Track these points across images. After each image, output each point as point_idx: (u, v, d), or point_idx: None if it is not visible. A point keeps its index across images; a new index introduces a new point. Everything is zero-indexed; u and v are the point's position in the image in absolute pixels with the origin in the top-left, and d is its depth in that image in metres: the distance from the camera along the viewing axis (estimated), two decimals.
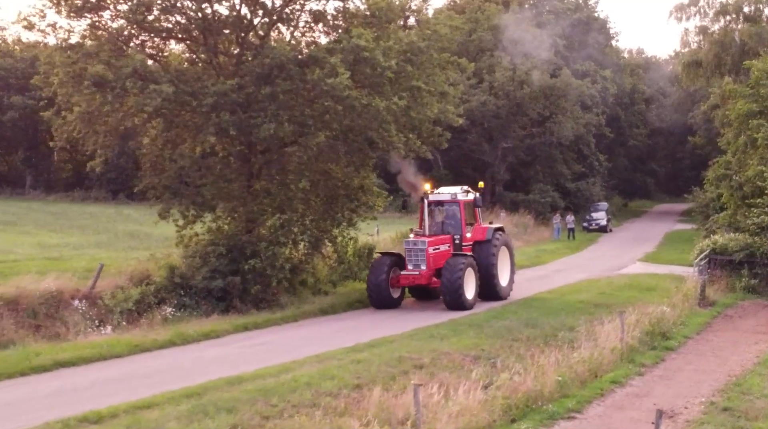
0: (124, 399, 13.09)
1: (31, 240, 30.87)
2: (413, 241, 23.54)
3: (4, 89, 57.20)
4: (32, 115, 57.77)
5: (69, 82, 21.70)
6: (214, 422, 11.92)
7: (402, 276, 23.34)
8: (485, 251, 24.22)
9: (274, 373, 14.95)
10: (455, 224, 24.44)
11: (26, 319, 18.92)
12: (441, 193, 24.77)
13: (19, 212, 43.24)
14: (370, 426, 11.38)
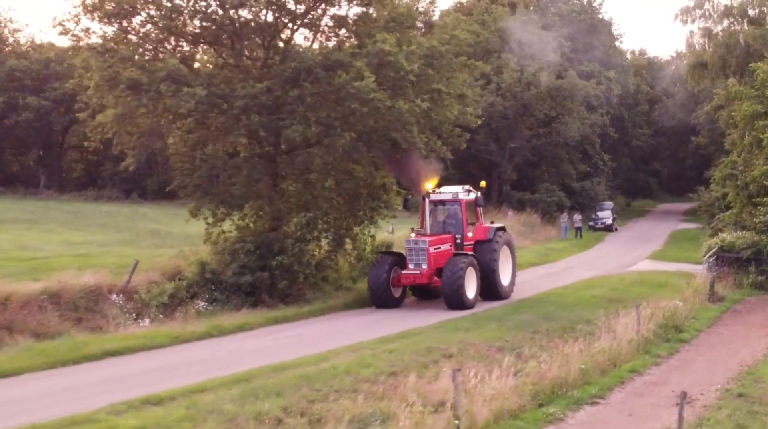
0: (174, 385, 13.98)
1: (56, 237, 31.72)
2: (414, 240, 23.66)
3: (19, 90, 58.05)
4: (46, 115, 58.85)
5: (104, 86, 22.53)
6: (265, 405, 12.78)
7: (403, 275, 23.43)
8: (487, 251, 24.32)
9: (313, 361, 15.84)
10: (456, 223, 24.57)
11: (68, 311, 19.78)
12: (442, 192, 24.87)
13: (38, 211, 44.09)
14: (415, 406, 12.20)
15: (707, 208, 47.70)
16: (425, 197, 24.06)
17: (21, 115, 57.37)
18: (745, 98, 34.28)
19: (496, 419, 13.00)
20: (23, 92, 57.94)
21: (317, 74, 21.84)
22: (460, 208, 24.54)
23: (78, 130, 60.86)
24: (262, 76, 23.19)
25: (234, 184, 23.49)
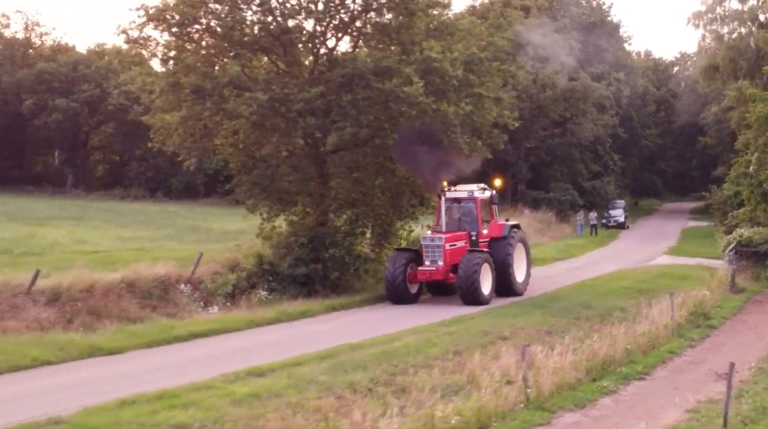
0: (267, 360, 15.59)
1: (108, 233, 33.34)
2: (430, 237, 24.12)
3: (48, 92, 59.66)
4: (74, 116, 60.51)
5: (169, 91, 24.11)
6: (356, 376, 14.41)
7: (419, 271, 23.71)
8: (501, 248, 24.69)
9: (385, 341, 17.47)
10: (472, 221, 24.96)
11: (143, 299, 21.40)
12: (458, 190, 25.30)
13: (76, 209, 45.70)
14: (494, 377, 13.83)
15: (719, 205, 49.27)
16: (441, 195, 24.67)
17: (50, 116, 58.99)
18: (759, 100, 35.93)
19: (558, 390, 14.62)
20: (52, 94, 59.57)
21: (368, 80, 23.42)
22: (475, 205, 25.02)
23: (104, 131, 62.72)
24: (311, 82, 24.79)
25: (290, 181, 25.03)
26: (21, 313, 18.29)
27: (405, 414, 12.16)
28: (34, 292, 19.15)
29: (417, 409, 12.64)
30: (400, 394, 13.85)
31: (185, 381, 13.87)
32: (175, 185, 61.24)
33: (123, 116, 59.07)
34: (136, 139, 61.20)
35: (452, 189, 25.20)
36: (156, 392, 12.99)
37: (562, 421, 13.42)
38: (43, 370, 15.18)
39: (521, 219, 47.45)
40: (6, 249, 26.80)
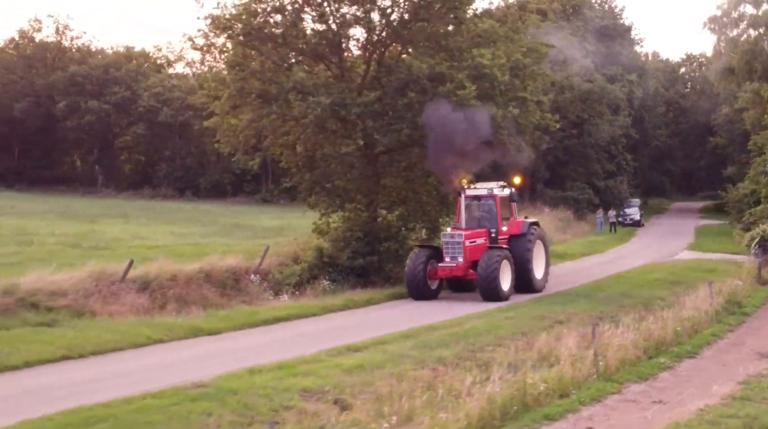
0: (353, 339, 17.28)
1: (159, 230, 35.10)
2: (450, 234, 24.44)
3: (81, 94, 61.44)
4: (106, 118, 62.31)
5: (236, 95, 25.77)
6: (441, 352, 16.10)
7: (439, 268, 24.09)
8: (520, 245, 24.99)
9: (454, 324, 19.19)
10: (491, 218, 25.29)
11: (218, 288, 23.11)
12: (478, 187, 25.61)
13: (117, 207, 47.51)
14: (569, 351, 15.53)
15: (735, 204, 51.04)
16: (461, 193, 24.95)
17: (83, 117, 60.77)
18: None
19: (621, 365, 16.30)
20: (84, 96, 61.36)
21: (423, 84, 25.11)
22: (494, 203, 25.33)
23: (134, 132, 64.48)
24: (364, 86, 26.48)
25: (349, 179, 26.70)
26: (120, 299, 20.00)
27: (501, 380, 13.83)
28: (127, 281, 20.87)
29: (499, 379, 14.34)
30: (484, 367, 15.52)
31: (292, 355, 15.57)
32: (203, 185, 63.07)
33: (153, 118, 60.90)
34: (165, 140, 63.29)
35: (472, 186, 25.52)
36: (274, 363, 14.70)
37: (631, 390, 15.10)
38: (158, 346, 16.92)
39: (541, 217, 49.17)
40: (75, 244, 28.57)
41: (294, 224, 39.95)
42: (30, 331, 16.80)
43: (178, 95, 61.13)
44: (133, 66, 63.75)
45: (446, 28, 27.06)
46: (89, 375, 14.34)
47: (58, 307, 18.50)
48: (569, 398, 14.11)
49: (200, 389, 12.97)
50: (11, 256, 24.61)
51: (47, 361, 15.17)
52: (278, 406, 12.47)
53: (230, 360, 15.32)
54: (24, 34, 65.78)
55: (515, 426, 12.63)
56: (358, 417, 11.98)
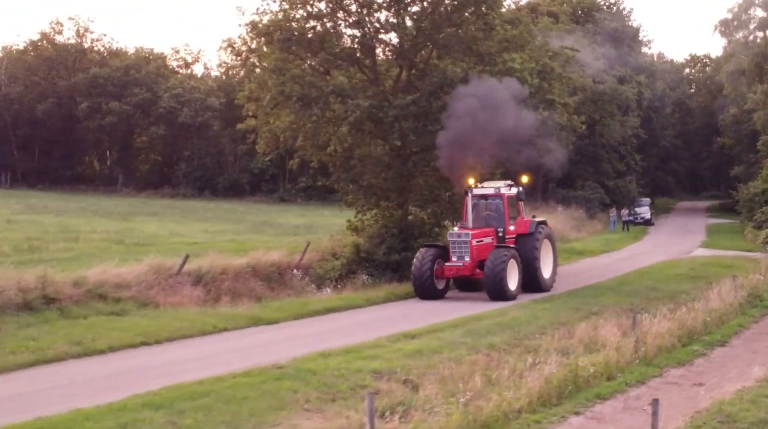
0: (406, 328, 18.41)
1: (193, 227, 36.26)
2: (457, 233, 24.37)
3: (102, 95, 62.62)
4: (127, 119, 63.49)
5: (277, 98, 26.88)
6: (490, 339, 17.25)
7: (446, 267, 23.94)
8: (528, 244, 24.85)
9: (498, 315, 20.32)
10: (499, 217, 25.16)
11: (264, 281, 24.26)
12: (485, 186, 25.46)
13: (145, 207, 48.68)
14: (615, 336, 16.67)
15: (746, 203, 52.15)
16: (468, 192, 24.82)
17: (105, 118, 61.95)
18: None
19: (659, 352, 17.44)
20: (106, 97, 62.53)
21: (457, 88, 26.21)
22: (502, 202, 25.19)
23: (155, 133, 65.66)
24: (398, 89, 27.61)
25: (384, 179, 27.80)
26: (178, 291, 21.15)
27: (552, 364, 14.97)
28: (182, 274, 22.01)
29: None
30: (532, 353, 16.65)
31: (353, 341, 16.72)
32: (221, 184, 64.19)
33: (173, 118, 62.04)
34: (183, 140, 64.46)
35: (479, 185, 25.39)
36: (341, 348, 15.86)
37: (671, 374, 16.24)
38: (224, 334, 18.09)
39: (555, 216, 50.53)
40: (118, 240, 29.75)
41: (319, 222, 41.21)
42: (105, 320, 17.95)
43: (197, 96, 62.33)
44: (152, 68, 64.91)
45: (476, 33, 28.13)
46: (171, 358, 15.50)
47: (125, 298, 19.67)
48: (616, 380, 15.24)
49: (280, 370, 14.11)
50: (65, 251, 25.73)
51: (128, 346, 16.34)
52: (354, 385, 13.60)
53: (298, 345, 16.47)
54: (45, 36, 66.99)
55: (571, 404, 13.74)
56: (430, 395, 13.11)
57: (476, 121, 23.53)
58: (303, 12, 27.80)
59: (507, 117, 23.86)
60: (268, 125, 28.08)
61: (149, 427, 10.79)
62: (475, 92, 24.29)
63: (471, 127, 23.71)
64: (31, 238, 28.27)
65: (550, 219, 47.30)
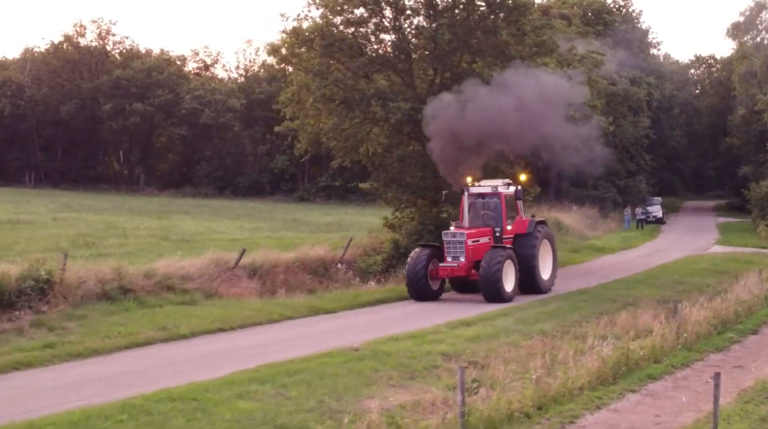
0: (460, 316, 19.66)
1: (229, 225, 37.57)
2: (452, 232, 23.62)
3: (125, 97, 63.91)
4: (150, 119, 64.79)
5: (320, 101, 28.12)
6: (541, 326, 18.50)
7: (441, 268, 23.28)
8: (526, 244, 24.18)
9: (540, 305, 21.64)
10: (496, 217, 24.45)
11: (312, 275, 25.50)
12: (482, 185, 24.79)
13: (173, 205, 49.97)
14: (655, 324, 17.93)
15: (758, 201, 53.42)
16: (464, 190, 24.18)
17: (128, 119, 63.25)
18: None
19: (697, 339, 18.70)
20: (129, 99, 63.82)
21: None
22: (499, 201, 24.51)
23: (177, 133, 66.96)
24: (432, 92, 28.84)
25: (421, 178, 29.02)
26: (237, 283, 22.39)
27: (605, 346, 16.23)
28: (239, 268, 23.26)
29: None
30: (580, 339, 17.90)
31: (412, 328, 17.98)
32: (242, 183, 65.43)
33: (194, 119, 63.32)
34: (204, 141, 65.74)
35: (476, 184, 24.79)
36: (406, 333, 17.12)
37: (711, 359, 17.50)
38: (290, 321, 19.39)
39: (570, 214, 51.81)
40: (163, 236, 31.06)
41: (346, 220, 42.50)
42: (179, 309, 19.22)
43: (218, 98, 63.63)
44: (174, 69, 66.30)
45: (508, 38, 29.35)
46: (251, 342, 16.77)
47: (191, 289, 20.89)
48: (662, 363, 16.49)
49: (357, 352, 15.39)
50: (118, 247, 27.00)
51: (207, 332, 17.63)
52: (428, 365, 14.86)
53: (361, 331, 17.74)
54: (69, 38, 68.33)
55: (626, 383, 14.98)
56: (497, 375, 14.36)
57: (520, 117, 23.22)
58: (341, 18, 29.05)
59: (555, 116, 23.92)
60: (310, 127, 29.26)
61: (262, 397, 12.03)
62: (522, 83, 24.22)
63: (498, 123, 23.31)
64: (82, 234, 29.52)
65: (565, 217, 49.09)
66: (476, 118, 23.42)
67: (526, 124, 23.65)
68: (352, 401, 12.16)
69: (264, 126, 66.74)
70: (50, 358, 14.80)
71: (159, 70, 65.78)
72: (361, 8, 28.93)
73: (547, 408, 13.01)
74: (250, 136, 65.63)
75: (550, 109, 24.41)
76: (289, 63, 29.54)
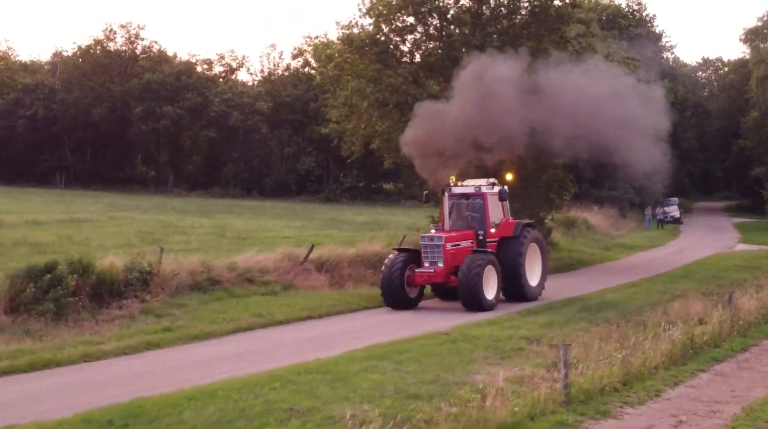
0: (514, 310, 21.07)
1: (275, 223, 38.96)
2: (429, 236, 22.08)
3: (156, 100, 65.44)
4: (179, 121, 66.32)
5: (374, 106, 29.60)
6: (604, 315, 19.94)
7: (417, 274, 21.54)
8: (512, 248, 22.48)
9: (598, 296, 23.14)
10: (480, 219, 22.75)
11: (370, 269, 26.92)
12: (465, 185, 23.24)
13: (209, 205, 51.32)
14: (708, 313, 19.38)
15: None
16: (445, 190, 23.05)
17: (159, 122, 64.80)
18: None
19: (749, 326, 20.15)
20: (159, 102, 65.37)
21: None
22: (483, 202, 22.82)
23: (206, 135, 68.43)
24: None
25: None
26: (309, 276, 23.84)
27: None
28: (307, 262, 24.71)
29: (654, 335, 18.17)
30: (640, 325, 19.36)
31: (485, 317, 19.45)
32: (268, 184, 66.89)
33: (223, 122, 64.84)
34: (232, 143, 67.26)
35: (460, 184, 23.33)
36: (484, 320, 18.59)
37: (765, 344, 18.94)
38: (369, 310, 20.97)
39: (592, 214, 53.25)
40: (219, 233, 32.47)
41: (381, 219, 43.94)
42: (265, 299, 20.70)
43: (246, 101, 65.21)
44: (201, 73, 67.95)
45: (549, 45, 30.84)
46: (346, 327, 18.28)
47: (271, 282, 22.36)
48: (722, 348, 17.93)
49: (448, 336, 16.86)
50: (184, 243, 28.36)
51: (298, 319, 19.14)
52: (514, 347, 16.29)
53: (447, 318, 19.23)
54: (99, 42, 69.97)
55: (694, 364, 16.42)
56: (578, 355, 15.80)
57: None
58: (391, 26, 30.54)
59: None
60: (362, 130, 30.74)
61: (385, 371, 13.47)
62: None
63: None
64: (143, 231, 30.97)
65: (591, 217, 50.53)
66: (565, 108, 22.78)
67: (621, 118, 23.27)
68: (462, 375, 13.60)
69: (290, 128, 68.38)
70: (173, 340, 16.30)
71: (188, 73, 67.36)
72: (411, 17, 30.44)
73: (631, 384, 14.41)
74: (276, 138, 67.17)
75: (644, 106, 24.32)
76: (342, 70, 30.93)
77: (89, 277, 18.21)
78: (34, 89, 67.37)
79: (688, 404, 13.60)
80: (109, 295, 18.53)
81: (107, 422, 10.28)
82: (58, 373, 13.71)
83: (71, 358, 14.46)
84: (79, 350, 14.86)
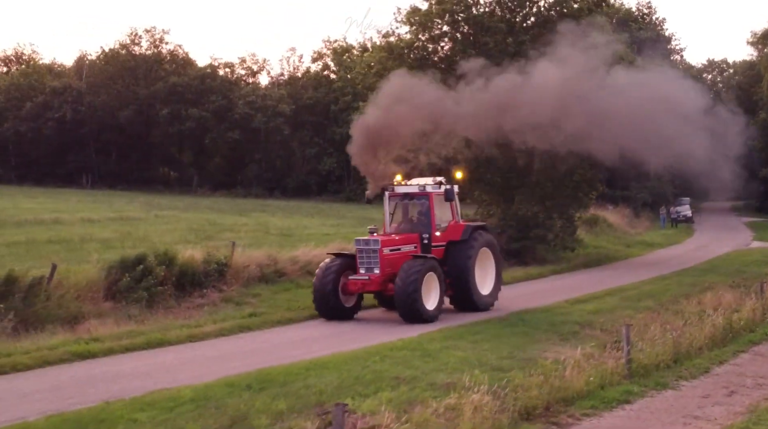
0: (571, 296, 22.71)
1: (312, 221, 40.64)
2: (365, 240, 20.04)
3: (180, 103, 67.13)
4: (203, 124, 68.02)
5: None
6: (644, 304, 21.55)
7: (350, 281, 19.55)
8: (460, 253, 20.52)
9: (633, 288, 24.80)
10: (426, 221, 20.79)
11: None
12: (409, 184, 21.12)
13: (239, 205, 52.93)
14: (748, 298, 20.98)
15: None
16: (386, 190, 21.01)
17: (184, 124, 66.50)
18: None
19: None
20: (184, 104, 67.06)
21: None
22: (428, 202, 20.77)
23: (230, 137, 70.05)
24: None
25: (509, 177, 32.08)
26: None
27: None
28: None
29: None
30: (679, 313, 20.96)
31: (538, 304, 21.10)
32: (290, 185, 68.55)
33: (246, 124, 66.54)
34: (254, 144, 68.96)
35: (405, 182, 21.27)
36: (540, 307, 20.28)
37: None
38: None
39: (609, 214, 54.80)
40: (264, 231, 34.11)
41: None
42: None
43: (269, 103, 66.92)
44: (224, 76, 69.75)
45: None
46: None
47: None
48: (756, 332, 19.55)
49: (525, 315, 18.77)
50: (238, 239, 29.84)
51: (364, 308, 20.69)
52: (570, 331, 17.92)
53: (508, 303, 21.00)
54: (124, 46, 71.79)
55: (734, 346, 18.02)
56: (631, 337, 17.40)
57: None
58: (428, 34, 32.19)
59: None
60: None
61: (465, 348, 15.11)
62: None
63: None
64: (193, 229, 32.58)
65: (608, 216, 52.09)
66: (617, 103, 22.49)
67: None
68: (533, 352, 15.23)
69: (311, 130, 70.06)
70: (260, 324, 18.00)
71: (212, 77, 69.10)
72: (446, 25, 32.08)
73: (681, 362, 16.04)
74: (298, 139, 68.83)
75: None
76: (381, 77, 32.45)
77: (173, 268, 19.86)
78: (62, 92, 69.17)
79: (735, 378, 15.25)
80: (191, 284, 20.19)
81: (246, 386, 11.91)
82: (173, 350, 15.36)
83: (179, 338, 16.12)
84: (183, 332, 16.51)
